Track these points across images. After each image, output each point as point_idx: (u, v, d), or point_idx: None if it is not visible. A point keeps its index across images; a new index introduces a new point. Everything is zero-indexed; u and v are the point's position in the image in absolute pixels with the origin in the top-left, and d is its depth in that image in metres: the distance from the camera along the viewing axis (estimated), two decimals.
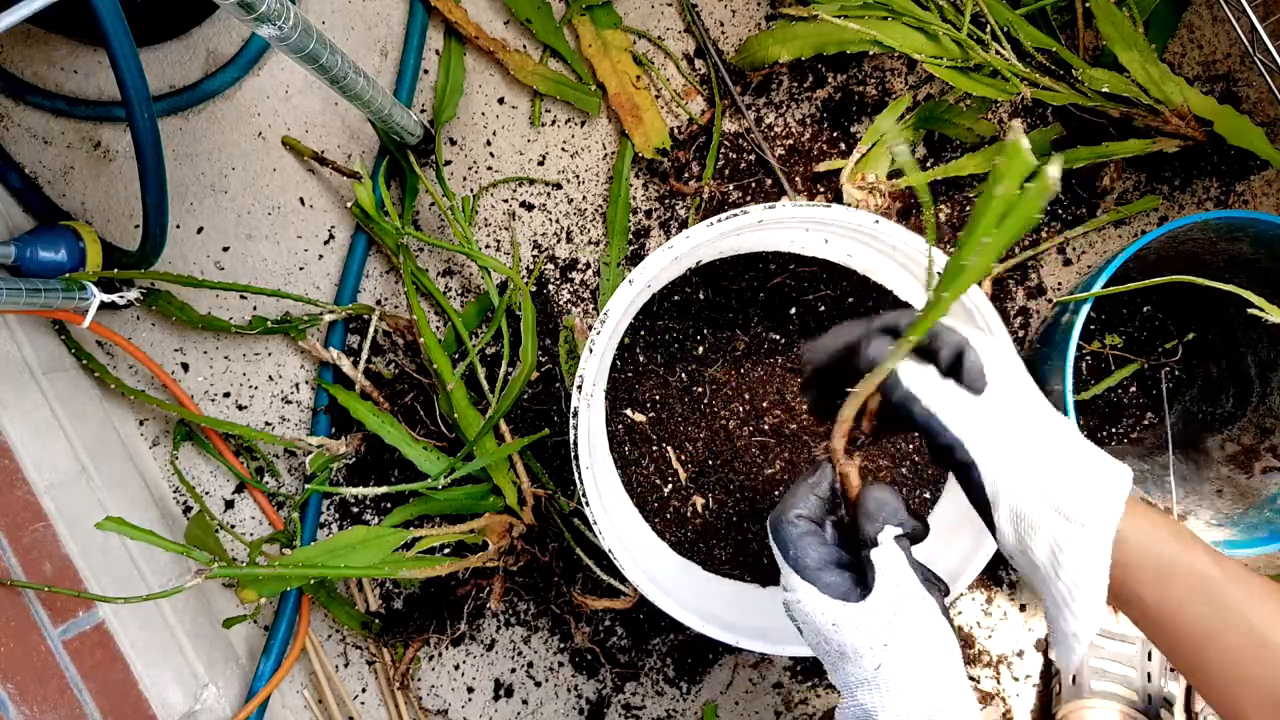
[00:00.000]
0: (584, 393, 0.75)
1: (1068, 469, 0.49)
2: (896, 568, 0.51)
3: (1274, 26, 0.86)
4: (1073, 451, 0.50)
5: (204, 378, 1.01)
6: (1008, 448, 0.50)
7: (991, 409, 0.51)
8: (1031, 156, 0.41)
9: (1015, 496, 0.49)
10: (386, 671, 1.01)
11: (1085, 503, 0.48)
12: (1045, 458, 0.50)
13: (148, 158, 0.73)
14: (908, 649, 0.50)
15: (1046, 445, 0.50)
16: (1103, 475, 0.49)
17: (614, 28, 0.97)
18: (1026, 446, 0.50)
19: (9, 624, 0.78)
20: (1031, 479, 0.49)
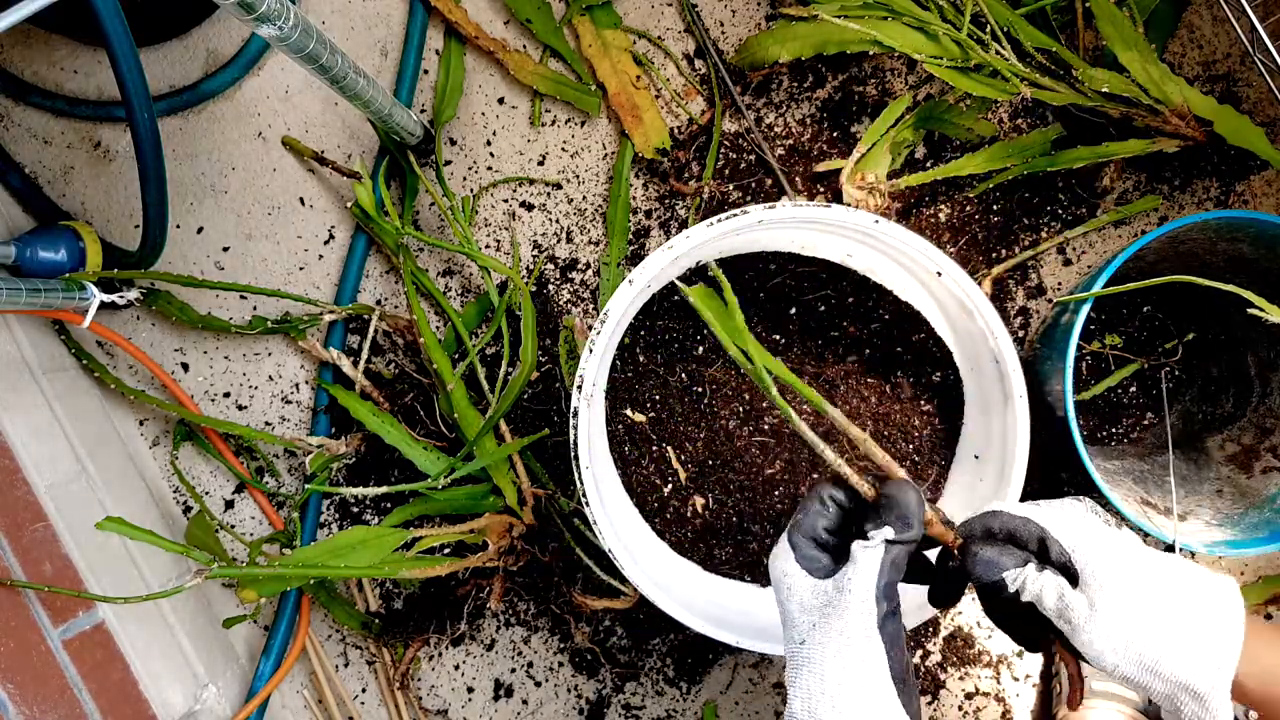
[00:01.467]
0: (584, 393, 0.75)
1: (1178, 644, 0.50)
2: (865, 566, 0.51)
3: (1274, 26, 0.86)
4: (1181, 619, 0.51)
5: (204, 378, 1.01)
6: (1117, 629, 0.51)
7: (1097, 607, 0.52)
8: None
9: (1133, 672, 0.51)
10: (386, 671, 1.01)
11: (1202, 671, 0.49)
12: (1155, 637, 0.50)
13: (148, 158, 0.73)
14: (830, 639, 0.51)
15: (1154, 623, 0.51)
16: (1214, 626, 0.50)
17: (614, 28, 0.97)
18: (1136, 625, 0.51)
19: (9, 624, 0.78)
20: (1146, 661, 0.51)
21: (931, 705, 1.00)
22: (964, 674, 0.99)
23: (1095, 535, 0.53)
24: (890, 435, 0.90)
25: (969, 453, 0.87)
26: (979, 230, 0.98)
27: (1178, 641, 0.50)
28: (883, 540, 0.51)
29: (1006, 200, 0.97)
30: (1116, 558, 0.52)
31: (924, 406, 0.90)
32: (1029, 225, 0.98)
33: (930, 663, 0.99)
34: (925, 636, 0.99)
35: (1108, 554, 0.52)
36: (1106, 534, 0.53)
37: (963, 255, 0.98)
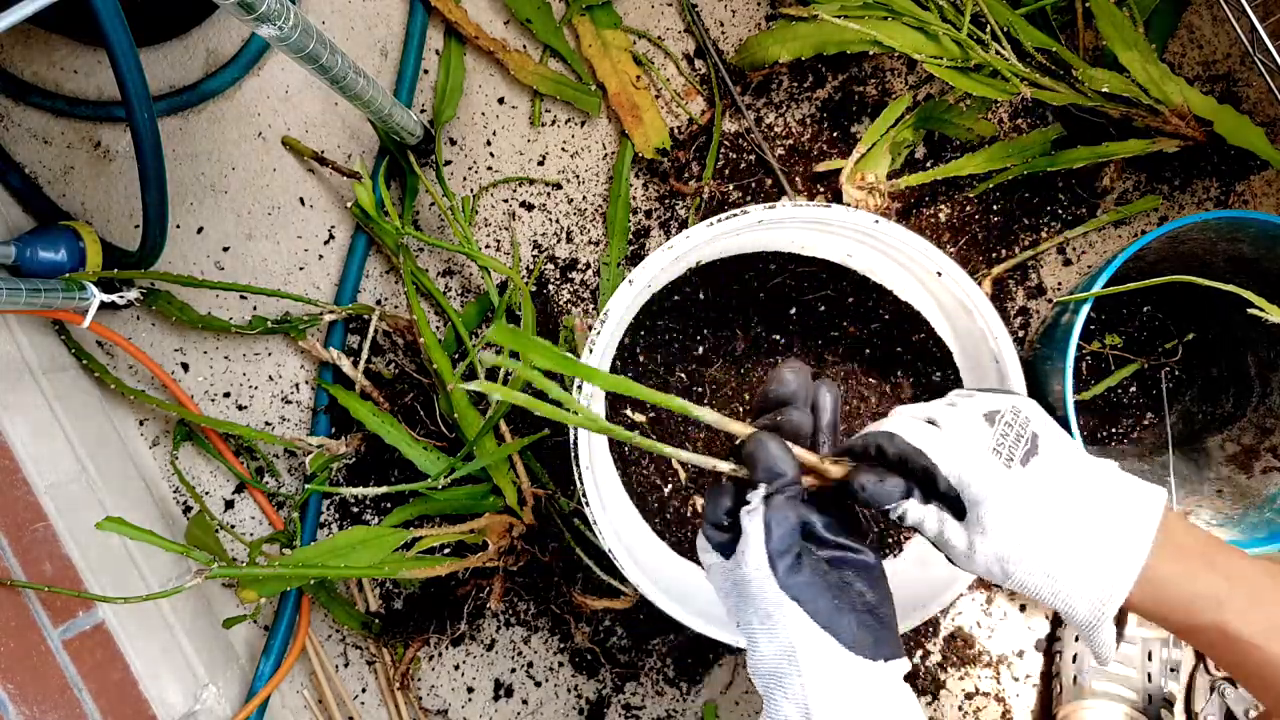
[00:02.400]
0: (584, 393, 0.75)
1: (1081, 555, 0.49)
2: (750, 530, 0.49)
3: (1274, 26, 0.86)
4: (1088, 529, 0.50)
5: (204, 378, 1.01)
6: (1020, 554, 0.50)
7: (982, 535, 0.51)
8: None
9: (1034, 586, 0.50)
10: (386, 671, 1.01)
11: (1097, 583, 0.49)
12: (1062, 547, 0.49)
13: (148, 158, 0.73)
14: (753, 616, 0.50)
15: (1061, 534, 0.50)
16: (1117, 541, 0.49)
17: (614, 28, 0.97)
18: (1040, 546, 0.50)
19: (9, 624, 0.78)
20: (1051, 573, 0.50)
21: (931, 705, 1.00)
22: (964, 674, 0.99)
23: (987, 475, 0.50)
24: None
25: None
26: (979, 230, 0.98)
27: (1064, 579, 0.49)
28: (759, 499, 0.49)
29: (1006, 200, 0.97)
30: (1007, 500, 0.50)
31: None
32: (1029, 225, 0.98)
33: (930, 663, 0.99)
34: (925, 636, 0.99)
35: (997, 496, 0.50)
36: (1000, 474, 0.50)
37: (963, 255, 0.98)
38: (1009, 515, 0.50)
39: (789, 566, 0.49)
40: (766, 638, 0.49)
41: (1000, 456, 0.51)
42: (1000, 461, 0.50)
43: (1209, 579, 0.49)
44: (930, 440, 0.52)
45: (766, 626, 0.49)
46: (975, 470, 0.50)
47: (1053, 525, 0.50)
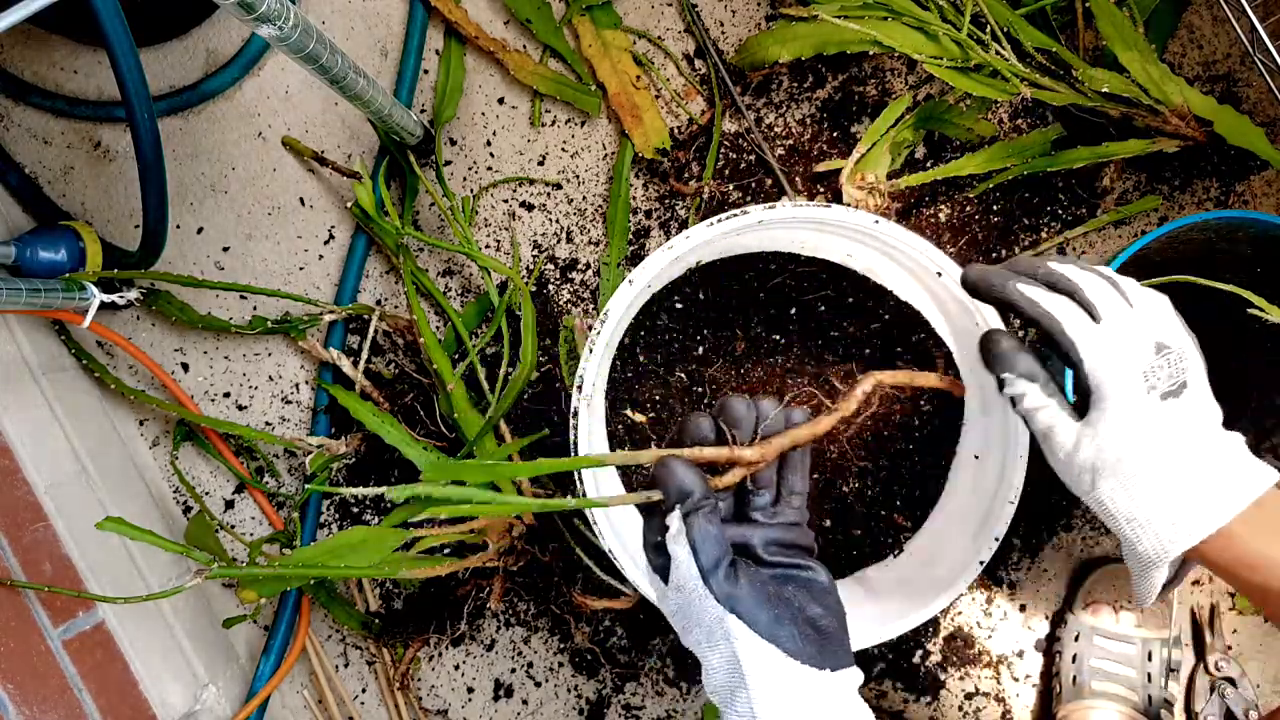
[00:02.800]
0: (584, 393, 0.75)
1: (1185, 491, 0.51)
2: (678, 555, 0.49)
3: (1274, 26, 0.86)
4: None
5: (204, 378, 1.01)
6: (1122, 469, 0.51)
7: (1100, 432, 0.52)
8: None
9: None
10: (386, 671, 1.01)
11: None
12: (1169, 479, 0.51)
13: (148, 158, 0.73)
14: (699, 639, 0.50)
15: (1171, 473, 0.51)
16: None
17: (614, 28, 0.97)
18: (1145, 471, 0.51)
19: (9, 624, 0.78)
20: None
21: (931, 705, 1.00)
22: (964, 674, 0.99)
23: (1128, 394, 0.51)
24: (890, 435, 0.90)
25: (969, 453, 0.87)
26: (979, 230, 0.98)
27: (1144, 508, 0.51)
28: (677, 521, 0.49)
29: (1006, 200, 0.97)
30: (1133, 421, 0.51)
31: (924, 406, 0.90)
32: (1029, 225, 0.98)
33: (930, 663, 0.99)
34: (925, 636, 0.99)
35: (1126, 415, 0.51)
36: (1140, 397, 0.51)
37: (963, 255, 0.98)
38: (1126, 434, 0.51)
39: (724, 579, 0.49)
40: (713, 654, 0.49)
41: (1147, 380, 0.51)
42: (1145, 384, 0.51)
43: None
44: (1088, 338, 0.52)
45: (711, 643, 0.49)
46: (1120, 386, 0.51)
47: (1159, 459, 0.51)
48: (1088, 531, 0.99)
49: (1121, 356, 0.52)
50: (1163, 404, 0.51)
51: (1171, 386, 0.51)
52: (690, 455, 0.51)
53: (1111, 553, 0.99)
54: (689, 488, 0.49)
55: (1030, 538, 0.99)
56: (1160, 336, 0.53)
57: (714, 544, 0.49)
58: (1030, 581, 0.99)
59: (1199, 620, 0.98)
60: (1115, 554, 0.99)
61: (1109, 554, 0.99)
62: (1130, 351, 0.52)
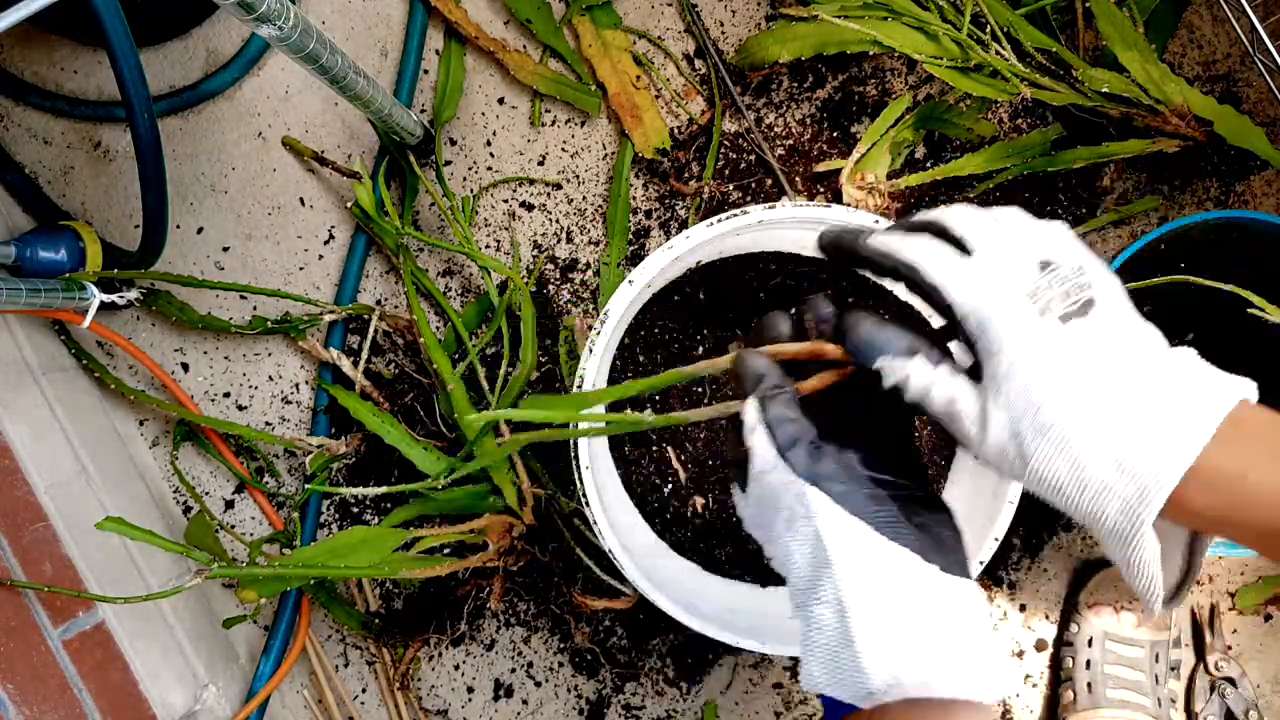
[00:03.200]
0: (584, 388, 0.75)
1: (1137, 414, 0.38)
2: (755, 442, 0.44)
3: (1274, 26, 0.86)
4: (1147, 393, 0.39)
5: (204, 378, 1.01)
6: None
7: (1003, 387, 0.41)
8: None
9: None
10: (386, 671, 1.01)
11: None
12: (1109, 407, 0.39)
13: (148, 158, 0.73)
14: (779, 535, 0.44)
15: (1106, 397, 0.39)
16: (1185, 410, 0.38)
17: (614, 28, 0.97)
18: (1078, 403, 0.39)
19: (9, 624, 0.78)
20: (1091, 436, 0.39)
21: None
22: None
23: (1011, 317, 0.41)
24: None
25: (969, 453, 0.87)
26: None
27: (1092, 467, 0.39)
28: (753, 409, 0.45)
29: (1006, 200, 0.97)
30: (1032, 354, 0.40)
31: None
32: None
33: None
34: None
35: (1020, 346, 0.40)
36: (1030, 321, 0.40)
37: None
38: (1032, 374, 0.40)
39: (806, 455, 0.43)
40: (795, 543, 0.42)
41: (1036, 303, 0.41)
42: (1034, 307, 0.41)
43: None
44: (956, 272, 0.42)
45: (792, 531, 0.43)
46: (1003, 315, 0.41)
47: (1087, 399, 0.39)
48: (1087, 531, 0.99)
49: (997, 281, 0.41)
50: (1065, 327, 0.40)
51: (1071, 306, 0.41)
52: (770, 352, 0.47)
53: None
54: (762, 370, 0.46)
55: (1030, 538, 0.99)
56: (1046, 255, 0.42)
57: (791, 424, 0.44)
58: (1030, 581, 0.99)
59: (1199, 620, 0.98)
60: None
61: None
62: (1008, 274, 0.42)
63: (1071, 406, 0.39)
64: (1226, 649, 0.97)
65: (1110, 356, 0.40)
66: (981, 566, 0.78)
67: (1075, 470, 0.39)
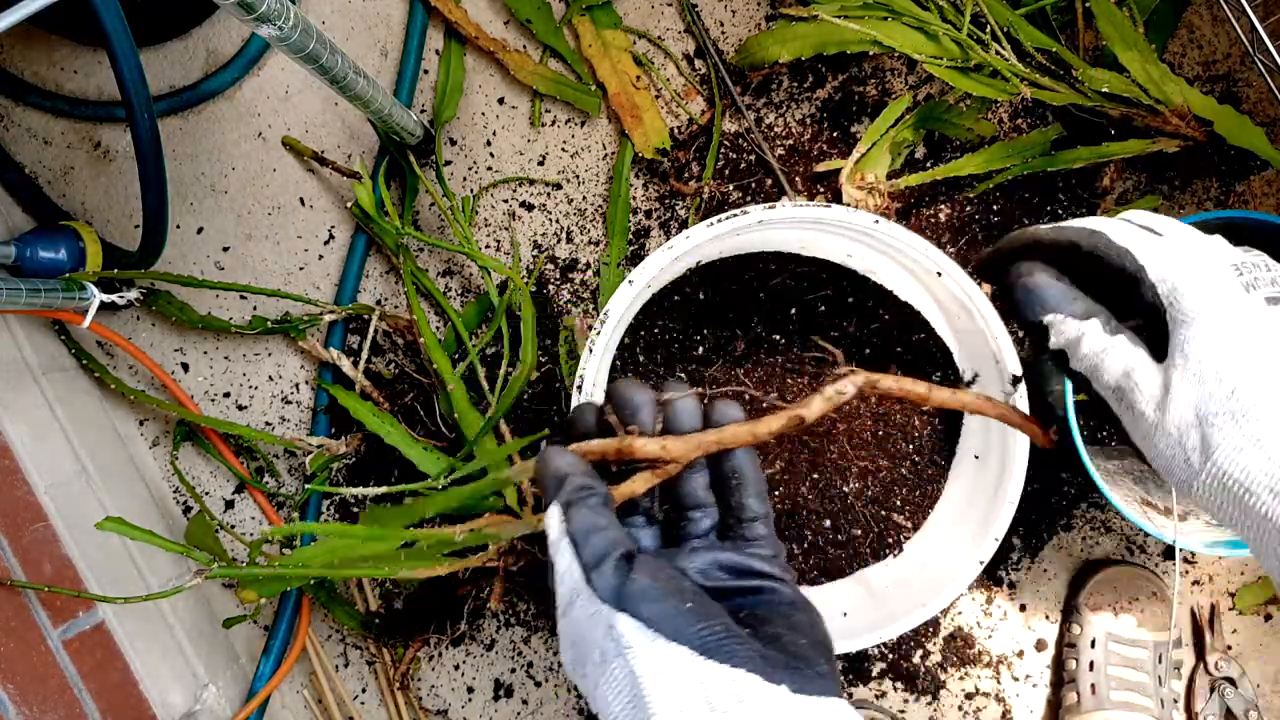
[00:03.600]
0: (584, 393, 0.75)
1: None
2: (560, 565, 0.37)
3: (1274, 26, 0.86)
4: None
5: (204, 378, 1.01)
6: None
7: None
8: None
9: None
10: (386, 671, 1.01)
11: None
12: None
13: (148, 158, 0.73)
14: (595, 682, 0.35)
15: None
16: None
17: (614, 28, 0.97)
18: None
19: (9, 624, 0.78)
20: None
21: (931, 705, 1.00)
22: (964, 674, 0.99)
23: (1214, 289, 0.36)
24: (890, 435, 0.90)
25: (969, 453, 0.87)
26: (979, 230, 0.98)
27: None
28: (556, 519, 0.38)
29: (1006, 200, 0.97)
30: (1234, 326, 0.34)
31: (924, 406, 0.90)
32: (1029, 225, 0.98)
33: (930, 663, 0.99)
34: (925, 636, 0.99)
35: (1220, 318, 0.35)
36: (1235, 294, 0.35)
37: (963, 255, 0.98)
38: (1231, 349, 0.34)
39: (613, 573, 0.36)
40: (612, 690, 0.34)
41: (1242, 277, 0.36)
42: (1240, 281, 0.36)
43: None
44: (1144, 240, 0.38)
45: (606, 674, 0.34)
46: (1198, 275, 0.36)
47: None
48: (1088, 531, 0.99)
49: (1199, 254, 0.37)
50: (1273, 309, 0.35)
51: (1277, 291, 0.36)
52: (575, 449, 0.41)
53: (1112, 553, 0.99)
54: (565, 470, 0.39)
55: (1030, 538, 0.99)
56: (1234, 249, 0.38)
57: (600, 536, 0.37)
58: (1030, 581, 0.99)
59: (1199, 620, 0.98)
60: (1115, 555, 0.99)
61: (1109, 555, 0.99)
62: (1209, 249, 0.37)
63: (1276, 395, 0.33)
64: (1226, 649, 0.97)
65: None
66: (982, 566, 0.78)
67: (1271, 468, 0.32)
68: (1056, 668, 0.99)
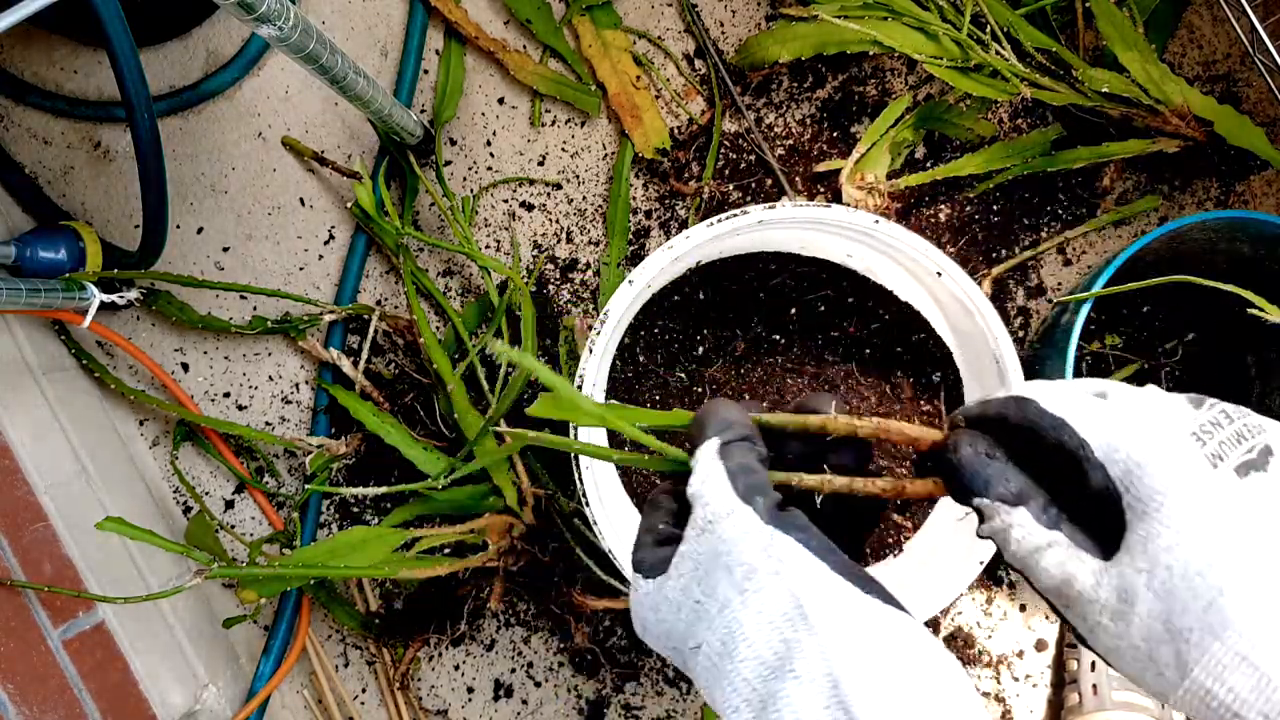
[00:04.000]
0: (584, 393, 0.75)
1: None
2: (708, 485, 0.35)
3: (1274, 26, 0.86)
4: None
5: (204, 378, 1.01)
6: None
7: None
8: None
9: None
10: (386, 671, 1.01)
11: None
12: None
13: (148, 158, 0.73)
14: (729, 599, 0.34)
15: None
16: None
17: (614, 28, 0.97)
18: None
19: (9, 624, 0.78)
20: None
21: None
22: None
23: (1179, 464, 0.31)
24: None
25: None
26: (979, 230, 0.98)
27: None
28: (711, 451, 0.36)
29: (1006, 200, 0.97)
30: (1210, 510, 0.30)
31: (924, 406, 0.90)
32: (1029, 225, 0.98)
33: None
34: None
35: (1194, 500, 0.30)
36: (1203, 470, 0.31)
37: (963, 255, 0.98)
38: (1208, 548, 0.30)
39: (768, 502, 0.35)
40: (751, 609, 0.33)
41: (1204, 447, 0.32)
42: (1202, 452, 0.32)
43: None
44: (1085, 408, 0.34)
45: (748, 592, 0.33)
46: (1157, 449, 0.31)
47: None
48: None
49: (1152, 426, 0.32)
50: (1245, 483, 0.31)
51: (1248, 454, 0.31)
52: (774, 420, 0.40)
53: None
54: (730, 417, 0.37)
55: None
56: (1189, 397, 0.35)
57: (757, 477, 0.36)
58: None
59: None
60: None
61: None
62: (1163, 417, 0.33)
63: (1264, 601, 0.29)
64: None
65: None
66: (982, 566, 0.78)
67: (1262, 689, 0.28)
68: (1057, 668, 0.99)
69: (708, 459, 0.36)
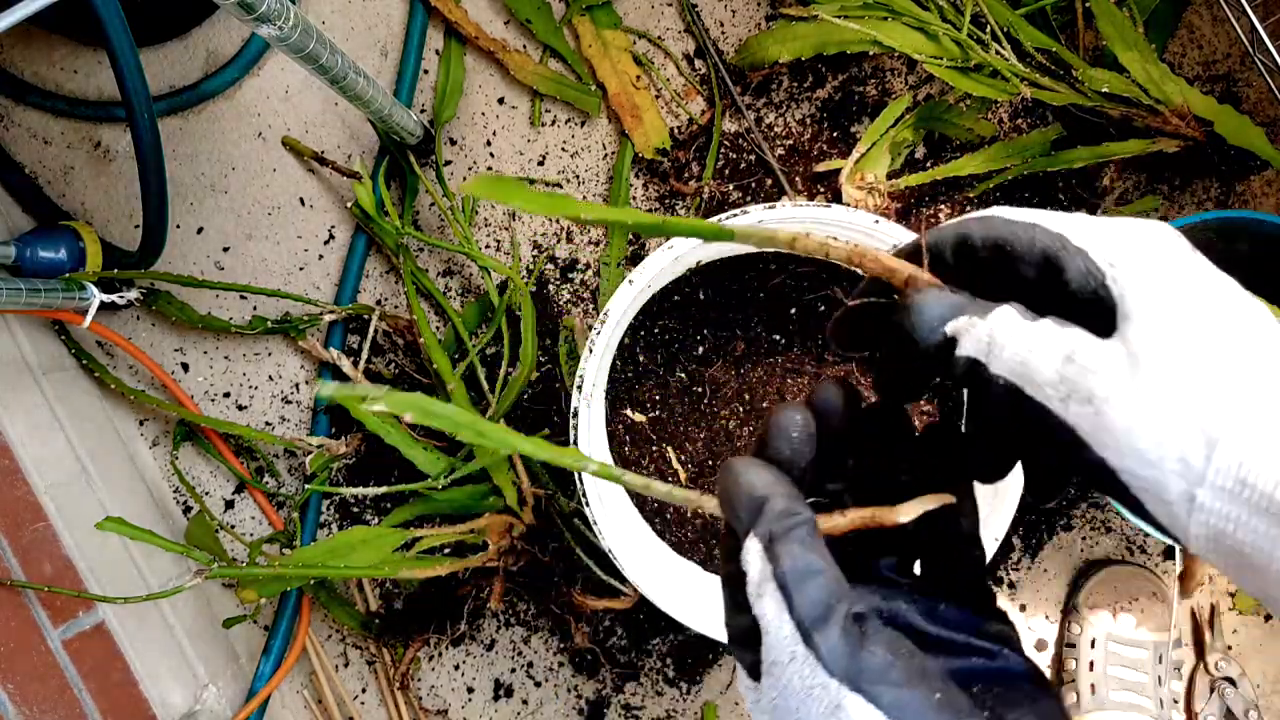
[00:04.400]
0: (584, 393, 0.75)
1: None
2: (765, 615, 0.29)
3: (1274, 26, 0.86)
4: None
5: (204, 378, 1.01)
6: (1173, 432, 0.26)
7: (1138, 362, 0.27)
8: None
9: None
10: (386, 671, 1.01)
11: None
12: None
13: (148, 158, 0.73)
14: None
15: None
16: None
17: (614, 28, 0.97)
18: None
19: (9, 624, 0.78)
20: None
21: None
22: None
23: (1158, 254, 0.28)
24: None
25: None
26: None
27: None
28: (757, 555, 0.29)
29: (1006, 200, 0.97)
30: (1185, 293, 0.27)
31: (924, 406, 0.90)
32: None
33: None
34: None
35: (1170, 283, 0.27)
36: (1176, 257, 0.28)
37: None
38: (1209, 300, 0.27)
39: (842, 638, 0.28)
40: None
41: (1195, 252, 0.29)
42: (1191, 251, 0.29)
43: None
44: (1054, 214, 0.31)
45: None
46: (1141, 229, 0.29)
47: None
48: (1087, 531, 0.99)
49: (1139, 224, 0.29)
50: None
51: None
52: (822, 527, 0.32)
53: (1111, 553, 0.99)
54: (762, 489, 0.30)
55: (1030, 538, 0.99)
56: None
57: (817, 584, 0.28)
58: (1030, 581, 0.99)
59: (1199, 620, 0.98)
60: (1115, 555, 0.99)
61: (1109, 555, 0.99)
62: (1146, 222, 0.30)
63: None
64: (1226, 649, 0.97)
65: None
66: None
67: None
68: (1056, 668, 0.99)
69: (756, 567, 0.29)
